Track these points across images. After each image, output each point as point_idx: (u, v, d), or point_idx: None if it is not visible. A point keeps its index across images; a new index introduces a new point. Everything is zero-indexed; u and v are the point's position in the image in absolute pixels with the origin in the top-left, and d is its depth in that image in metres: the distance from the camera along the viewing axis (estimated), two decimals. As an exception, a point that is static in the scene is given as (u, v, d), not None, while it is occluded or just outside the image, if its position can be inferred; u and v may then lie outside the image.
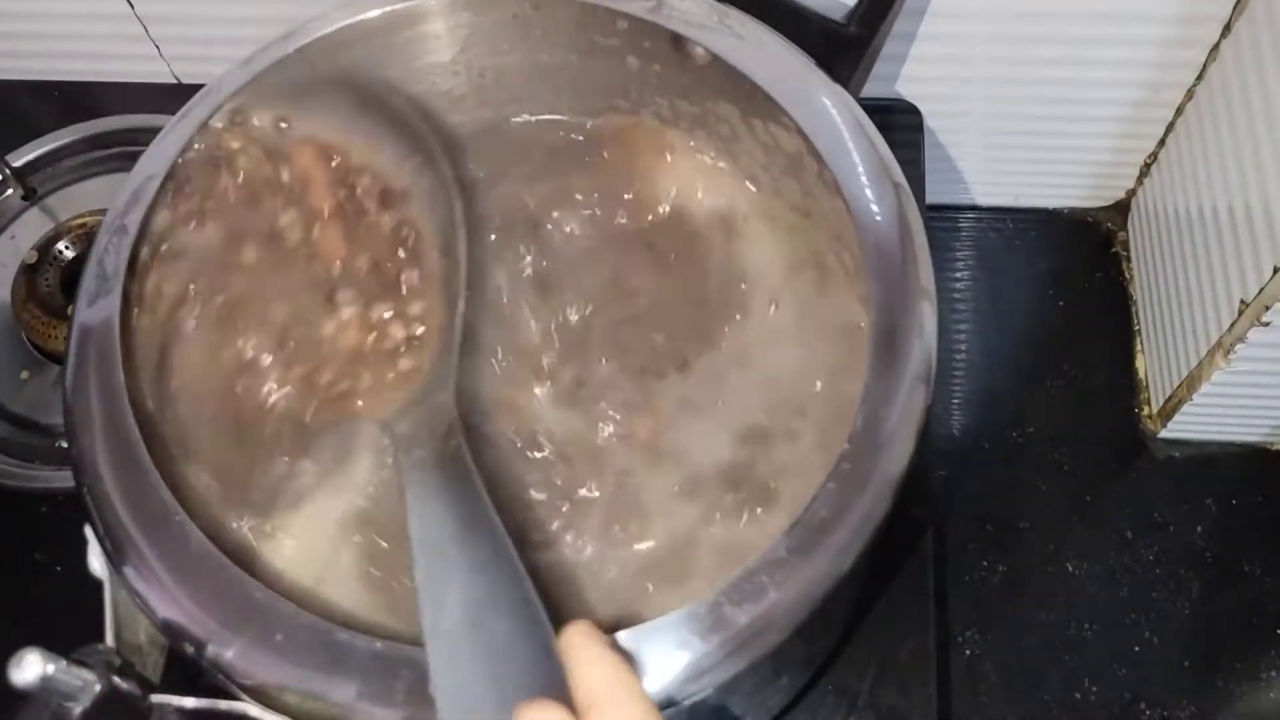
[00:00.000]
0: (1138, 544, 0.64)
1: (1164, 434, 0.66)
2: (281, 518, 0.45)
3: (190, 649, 0.35)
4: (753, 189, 0.53)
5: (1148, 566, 0.63)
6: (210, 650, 0.35)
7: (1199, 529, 0.64)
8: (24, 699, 0.31)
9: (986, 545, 0.64)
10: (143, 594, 0.36)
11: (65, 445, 0.62)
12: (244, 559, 0.39)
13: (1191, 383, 0.61)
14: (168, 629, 0.36)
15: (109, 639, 0.38)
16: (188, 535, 0.37)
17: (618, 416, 0.48)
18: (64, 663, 0.32)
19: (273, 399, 0.47)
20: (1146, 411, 0.67)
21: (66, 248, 0.68)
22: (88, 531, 0.38)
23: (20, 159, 0.72)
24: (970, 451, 0.67)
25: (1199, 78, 0.61)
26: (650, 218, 0.53)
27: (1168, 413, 0.64)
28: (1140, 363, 0.68)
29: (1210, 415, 0.63)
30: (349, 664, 0.35)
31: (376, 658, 0.35)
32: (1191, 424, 0.64)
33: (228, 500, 0.44)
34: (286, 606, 0.36)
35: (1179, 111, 0.64)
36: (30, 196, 0.72)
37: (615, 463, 0.47)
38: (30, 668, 0.30)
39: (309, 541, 0.45)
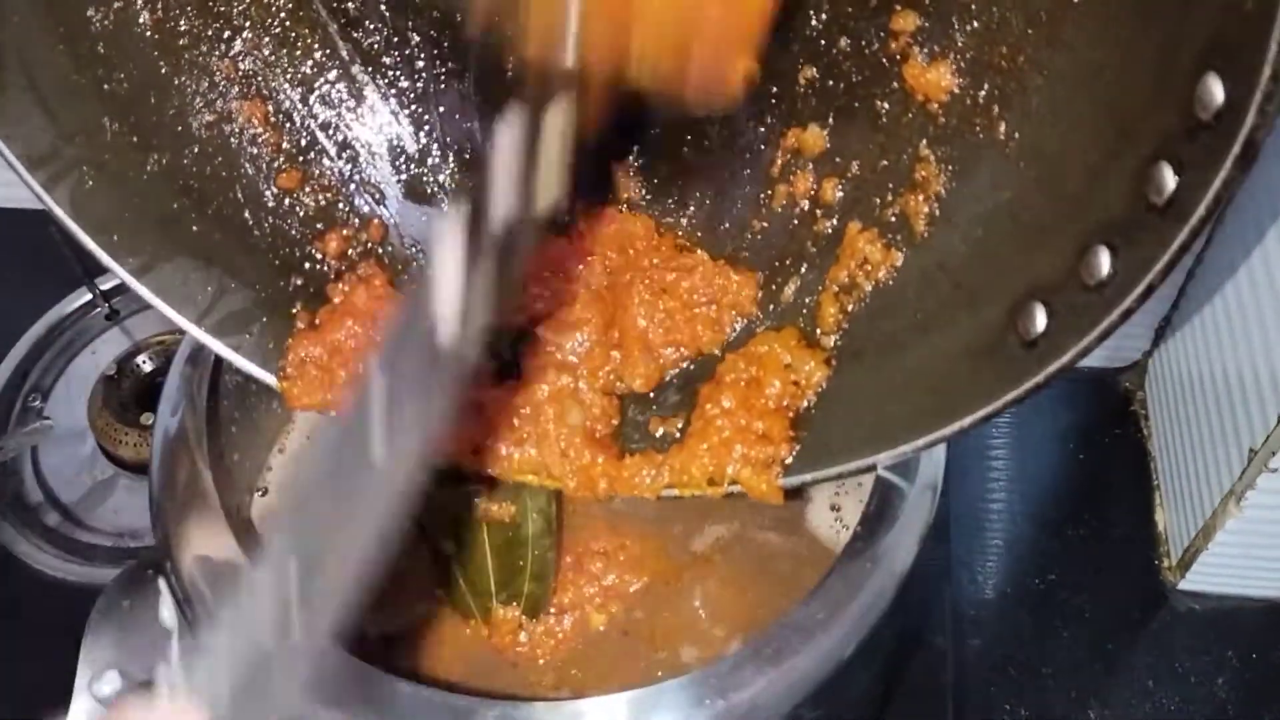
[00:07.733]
0: (1159, 693, 0.64)
1: (1183, 585, 0.67)
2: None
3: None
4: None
5: (1169, 716, 0.64)
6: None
7: (1220, 680, 0.64)
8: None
9: (1009, 689, 0.65)
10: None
11: (118, 544, 0.66)
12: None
13: (1208, 531, 0.63)
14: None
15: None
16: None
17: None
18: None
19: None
20: (1166, 563, 0.69)
21: (144, 362, 0.73)
22: (160, 584, 0.40)
23: (107, 283, 0.78)
24: (994, 596, 0.69)
25: (1208, 243, 0.65)
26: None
27: (1186, 563, 0.66)
28: (1159, 516, 0.70)
29: (1227, 565, 0.64)
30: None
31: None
32: (1210, 575, 0.66)
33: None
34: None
35: (1190, 276, 0.68)
36: (113, 317, 0.78)
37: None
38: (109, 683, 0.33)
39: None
